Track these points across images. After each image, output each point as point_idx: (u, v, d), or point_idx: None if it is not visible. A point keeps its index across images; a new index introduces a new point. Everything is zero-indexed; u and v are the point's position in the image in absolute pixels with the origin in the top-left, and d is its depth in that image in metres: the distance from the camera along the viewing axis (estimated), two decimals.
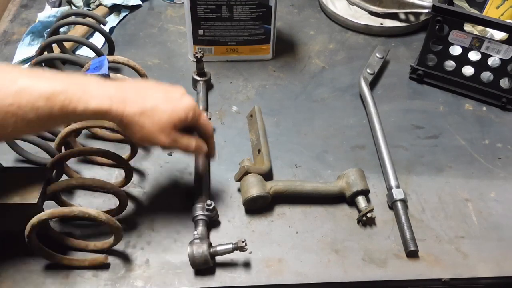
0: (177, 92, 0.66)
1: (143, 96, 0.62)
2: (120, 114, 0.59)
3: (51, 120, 0.57)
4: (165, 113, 0.63)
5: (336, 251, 0.73)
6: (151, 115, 0.62)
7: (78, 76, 0.61)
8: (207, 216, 0.72)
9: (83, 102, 0.57)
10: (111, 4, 1.13)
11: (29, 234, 0.62)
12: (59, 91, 0.55)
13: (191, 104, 0.66)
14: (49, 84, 0.56)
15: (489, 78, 0.95)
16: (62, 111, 0.56)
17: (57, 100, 0.55)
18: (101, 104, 0.58)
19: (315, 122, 0.92)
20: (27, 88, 0.54)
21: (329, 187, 0.78)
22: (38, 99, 0.54)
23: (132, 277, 0.68)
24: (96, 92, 0.58)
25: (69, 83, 0.57)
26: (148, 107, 0.62)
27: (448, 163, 0.86)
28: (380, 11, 1.15)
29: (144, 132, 0.62)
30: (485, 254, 0.73)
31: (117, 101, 0.59)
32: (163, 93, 0.65)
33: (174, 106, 0.64)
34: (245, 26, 0.98)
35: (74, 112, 0.56)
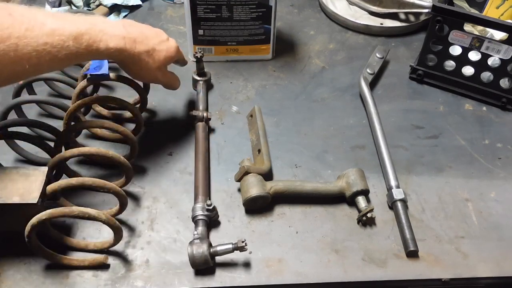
0: (163, 34, 0.78)
1: (145, 37, 0.72)
2: (133, 52, 0.70)
3: (78, 57, 0.64)
4: (162, 53, 0.75)
5: (336, 251, 0.73)
6: (153, 54, 0.74)
7: (94, 18, 0.68)
8: (207, 216, 0.72)
9: (104, 42, 0.66)
10: (111, 4, 1.13)
11: (29, 234, 0.62)
12: (84, 32, 0.63)
13: (175, 45, 0.79)
14: (75, 26, 0.63)
15: (489, 78, 0.95)
16: (87, 49, 0.64)
17: (83, 40, 0.63)
18: (118, 44, 0.67)
19: (315, 122, 0.92)
20: (57, 30, 0.61)
21: (329, 187, 0.78)
22: (67, 39, 0.61)
23: (132, 277, 0.68)
24: (112, 33, 0.67)
25: (90, 25, 0.65)
26: (151, 47, 0.73)
27: (448, 163, 0.86)
28: (380, 11, 1.15)
29: (147, 69, 0.74)
30: (485, 254, 0.73)
31: (129, 41, 0.69)
32: (156, 35, 0.75)
33: (166, 47, 0.76)
34: (245, 26, 0.98)
35: (98, 50, 0.65)
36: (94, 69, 0.77)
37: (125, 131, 0.76)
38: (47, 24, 0.60)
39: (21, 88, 0.82)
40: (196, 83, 0.95)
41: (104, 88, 0.95)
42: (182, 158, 0.84)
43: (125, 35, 0.69)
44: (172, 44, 0.79)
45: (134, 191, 0.79)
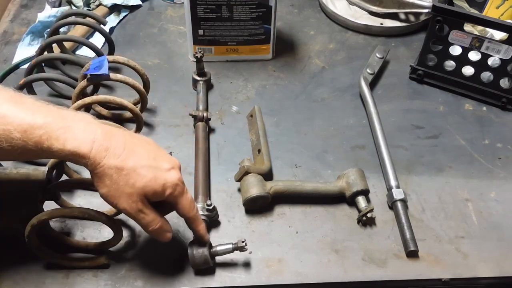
0: (168, 163, 0.60)
1: (129, 151, 0.57)
2: (97, 163, 0.55)
3: (26, 153, 0.53)
4: (143, 179, 0.57)
5: (336, 251, 0.73)
6: (127, 175, 0.56)
7: (67, 112, 0.57)
8: (207, 216, 0.72)
9: (60, 141, 0.53)
10: (111, 4, 1.13)
11: (29, 234, 0.62)
12: (39, 125, 0.52)
13: (174, 181, 0.59)
14: (31, 116, 0.53)
15: (489, 78, 0.95)
16: (36, 147, 0.53)
17: (34, 134, 0.52)
18: (79, 148, 0.54)
19: (315, 122, 0.92)
20: (6, 117, 0.52)
21: (329, 187, 0.78)
22: (14, 130, 0.52)
23: (132, 277, 0.68)
24: (80, 133, 0.54)
25: (53, 118, 0.54)
26: (128, 165, 0.56)
27: (448, 163, 0.86)
28: (380, 11, 1.15)
29: (110, 190, 0.57)
30: (485, 254, 0.73)
31: (99, 148, 0.55)
32: (152, 157, 0.59)
33: (155, 176, 0.58)
34: (245, 26, 0.98)
35: (50, 149, 0.53)
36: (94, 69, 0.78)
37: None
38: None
39: (21, 88, 0.82)
40: (196, 83, 0.95)
41: (104, 88, 0.95)
42: (182, 158, 0.83)
43: (96, 140, 0.54)
44: (168, 177, 0.59)
45: None
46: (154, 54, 1.05)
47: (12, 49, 1.03)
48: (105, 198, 0.58)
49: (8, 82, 0.95)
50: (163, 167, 0.59)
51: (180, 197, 0.61)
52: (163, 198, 0.59)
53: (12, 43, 1.05)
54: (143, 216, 0.60)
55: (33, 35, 1.05)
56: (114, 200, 0.57)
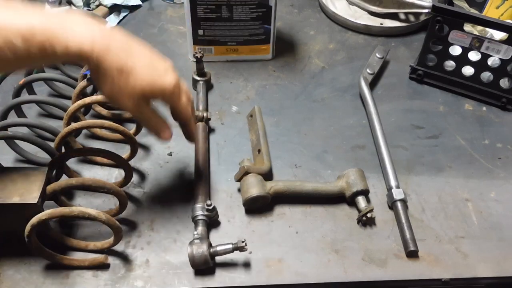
0: (164, 65, 0.61)
1: (127, 51, 0.57)
2: (100, 61, 0.55)
3: (31, 59, 0.53)
4: (142, 80, 0.58)
5: (336, 251, 0.73)
6: (127, 75, 0.57)
7: (63, 13, 0.56)
8: (207, 216, 0.72)
9: (63, 42, 0.52)
10: (111, 4, 1.13)
11: (29, 234, 0.62)
12: (38, 28, 0.51)
13: (172, 83, 0.61)
14: (27, 20, 0.51)
15: (489, 78, 0.95)
16: (40, 52, 0.51)
17: (35, 39, 0.51)
18: (81, 46, 0.53)
19: (315, 122, 0.92)
20: (4, 26, 0.50)
21: (329, 187, 0.78)
22: (15, 38, 0.50)
23: (132, 277, 0.68)
24: (79, 31, 0.53)
25: (50, 20, 0.52)
26: (128, 65, 0.56)
27: (448, 163, 0.86)
28: (380, 11, 1.15)
29: (113, 89, 0.58)
30: (485, 254, 0.73)
31: (100, 46, 0.54)
32: (149, 59, 0.60)
33: (153, 77, 0.59)
34: (245, 26, 0.98)
35: (54, 53, 0.52)
36: None
37: (125, 131, 0.76)
38: None
39: (21, 88, 0.82)
40: (196, 83, 0.95)
41: None
42: (182, 158, 0.84)
43: (95, 39, 0.54)
44: (166, 79, 0.60)
45: (134, 191, 0.79)
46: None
47: None
48: (108, 97, 0.60)
49: (8, 82, 0.95)
50: (160, 68, 0.60)
51: (178, 100, 0.63)
52: (162, 98, 0.62)
53: None
54: (143, 115, 0.63)
55: None
56: (116, 99, 0.59)
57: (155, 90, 0.60)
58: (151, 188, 0.79)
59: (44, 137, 0.80)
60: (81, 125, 0.73)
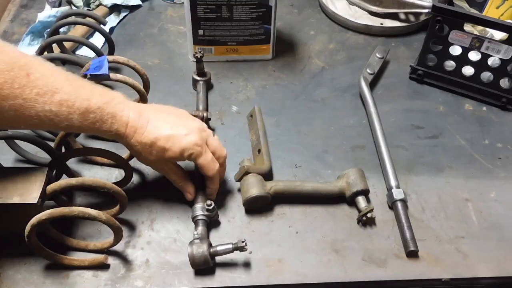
0: (185, 129, 0.70)
1: (151, 127, 0.68)
2: (129, 140, 0.67)
3: (78, 129, 0.64)
4: (161, 149, 0.68)
5: (336, 251, 0.73)
6: (149, 147, 0.68)
7: (109, 94, 0.66)
8: (207, 216, 0.72)
9: (108, 125, 0.64)
10: (111, 4, 1.13)
11: (29, 234, 0.62)
12: (94, 109, 0.62)
13: (190, 146, 0.69)
14: (87, 102, 0.62)
15: (489, 78, 0.95)
16: (89, 127, 0.63)
17: (89, 117, 0.62)
18: (119, 130, 0.65)
19: (315, 122, 0.92)
20: (67, 101, 0.60)
21: (329, 187, 0.78)
22: (74, 112, 0.60)
23: (132, 277, 0.68)
24: (120, 118, 0.65)
25: (102, 104, 0.63)
26: (149, 140, 0.67)
27: (448, 163, 0.86)
28: (380, 11, 1.15)
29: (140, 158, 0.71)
30: (485, 254, 0.73)
31: (130, 129, 0.66)
32: (170, 128, 0.69)
33: (173, 143, 0.68)
34: (245, 26, 0.98)
35: (100, 130, 0.64)
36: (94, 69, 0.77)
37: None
38: (59, 93, 0.59)
39: None
40: (196, 83, 0.95)
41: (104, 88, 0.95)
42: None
43: (128, 123, 0.66)
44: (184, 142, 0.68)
45: (134, 191, 0.79)
46: (154, 54, 1.05)
47: None
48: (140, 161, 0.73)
49: None
50: (180, 134, 0.69)
51: (198, 158, 0.70)
52: (183, 160, 0.71)
53: (12, 43, 1.04)
54: (168, 176, 0.74)
55: (33, 35, 1.05)
56: (146, 164, 0.73)
57: (175, 155, 0.69)
58: (151, 188, 0.79)
59: (44, 137, 0.80)
60: None
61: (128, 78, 0.81)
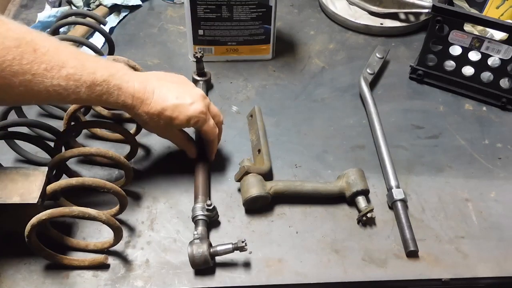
0: (190, 98, 0.72)
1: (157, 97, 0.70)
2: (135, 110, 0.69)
3: (86, 102, 0.68)
4: (168, 118, 0.71)
5: (336, 251, 0.73)
6: (157, 117, 0.71)
7: (113, 66, 0.67)
8: (207, 216, 0.72)
9: (115, 97, 0.66)
10: (111, 4, 1.13)
11: (29, 234, 0.62)
12: (100, 82, 0.64)
13: (196, 114, 0.72)
14: (93, 75, 0.63)
15: (489, 78, 0.95)
16: (97, 99, 0.64)
17: (96, 90, 0.63)
18: (125, 101, 0.67)
19: (315, 122, 0.92)
20: (74, 75, 0.61)
21: (329, 187, 0.78)
22: (81, 85, 0.62)
23: (132, 277, 0.68)
24: (126, 89, 0.67)
25: (108, 76, 0.65)
26: (156, 111, 0.70)
27: (448, 163, 0.86)
28: (380, 11, 1.15)
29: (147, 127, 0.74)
30: (485, 254, 0.73)
31: (136, 100, 0.68)
32: (176, 97, 0.71)
33: (179, 112, 0.71)
34: (245, 26, 0.98)
35: (107, 101, 0.66)
36: None
37: (125, 131, 0.76)
38: (66, 67, 0.60)
39: None
40: (196, 83, 0.95)
41: None
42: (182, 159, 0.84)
43: (134, 94, 0.68)
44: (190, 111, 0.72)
45: (134, 191, 0.79)
46: (154, 54, 1.05)
47: None
48: (152, 131, 0.76)
49: None
50: (185, 103, 0.72)
51: (203, 125, 0.74)
52: (189, 127, 0.75)
53: None
54: (173, 140, 0.79)
55: None
56: (152, 132, 0.76)
57: (180, 122, 0.72)
58: (151, 188, 0.79)
59: (44, 137, 0.80)
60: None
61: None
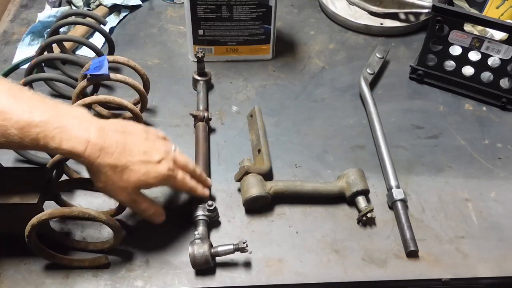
0: (158, 155, 0.64)
1: (121, 149, 0.60)
2: (92, 161, 0.58)
3: (22, 147, 0.56)
4: (136, 175, 0.62)
5: (336, 251, 0.73)
6: (120, 172, 0.60)
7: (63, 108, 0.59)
8: (207, 216, 0.72)
9: (57, 141, 0.55)
10: (111, 4, 1.13)
11: (29, 234, 0.62)
12: (36, 123, 0.54)
13: (164, 173, 0.64)
14: (28, 114, 0.54)
15: (489, 78, 0.95)
16: (32, 143, 0.55)
17: (30, 132, 0.54)
18: (74, 147, 0.56)
19: (315, 122, 0.92)
20: (4, 113, 0.53)
21: (329, 187, 0.78)
22: (11, 126, 0.53)
23: (132, 277, 0.68)
24: (74, 133, 0.57)
25: (49, 116, 0.56)
26: (121, 163, 0.60)
27: (448, 163, 0.86)
28: (380, 11, 1.15)
29: (107, 185, 0.61)
30: (485, 254, 0.73)
31: (93, 148, 0.58)
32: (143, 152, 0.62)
33: (147, 170, 0.62)
34: (245, 26, 0.98)
35: (46, 146, 0.56)
36: (94, 69, 0.77)
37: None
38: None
39: None
40: (197, 83, 0.95)
41: (104, 88, 0.95)
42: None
43: (90, 140, 0.57)
44: (157, 170, 0.63)
45: None
46: (154, 54, 1.05)
47: (12, 49, 1.03)
48: (102, 191, 0.63)
49: None
50: (153, 161, 0.63)
51: (172, 182, 0.66)
52: (156, 186, 0.65)
53: (12, 43, 1.05)
54: (138, 205, 0.66)
55: (33, 35, 1.05)
56: (110, 193, 0.63)
57: (149, 181, 0.63)
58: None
59: None
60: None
61: (128, 78, 0.81)
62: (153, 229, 0.74)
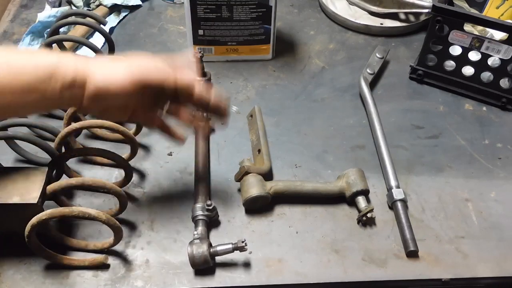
0: (151, 59, 0.62)
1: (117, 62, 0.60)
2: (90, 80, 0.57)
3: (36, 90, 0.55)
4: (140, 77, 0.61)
5: (336, 251, 0.73)
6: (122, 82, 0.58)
7: None
8: (207, 216, 0.72)
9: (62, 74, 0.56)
10: (111, 4, 1.13)
11: (29, 234, 0.62)
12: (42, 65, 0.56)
13: (165, 67, 0.62)
14: None
15: (489, 78, 0.95)
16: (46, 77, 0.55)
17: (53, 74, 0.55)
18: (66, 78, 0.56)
19: (315, 122, 0.92)
20: None
21: (329, 187, 0.78)
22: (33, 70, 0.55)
23: (132, 277, 0.68)
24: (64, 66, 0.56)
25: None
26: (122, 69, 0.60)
27: (448, 163, 0.86)
28: (380, 11, 1.15)
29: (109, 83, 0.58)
30: (485, 254, 0.73)
31: (83, 69, 0.57)
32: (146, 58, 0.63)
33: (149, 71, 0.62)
34: (245, 26, 0.98)
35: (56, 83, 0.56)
36: None
37: (125, 131, 0.76)
38: None
39: None
40: None
41: None
42: (182, 158, 0.84)
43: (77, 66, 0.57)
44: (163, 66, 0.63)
45: (134, 191, 0.79)
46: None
47: None
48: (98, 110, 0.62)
49: None
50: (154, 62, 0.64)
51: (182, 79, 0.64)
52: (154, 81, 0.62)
53: (12, 43, 1.05)
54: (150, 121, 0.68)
55: (33, 35, 1.05)
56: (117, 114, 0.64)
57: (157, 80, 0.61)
58: (151, 188, 0.79)
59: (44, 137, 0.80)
60: (81, 125, 0.72)
61: None
62: (153, 229, 0.74)
